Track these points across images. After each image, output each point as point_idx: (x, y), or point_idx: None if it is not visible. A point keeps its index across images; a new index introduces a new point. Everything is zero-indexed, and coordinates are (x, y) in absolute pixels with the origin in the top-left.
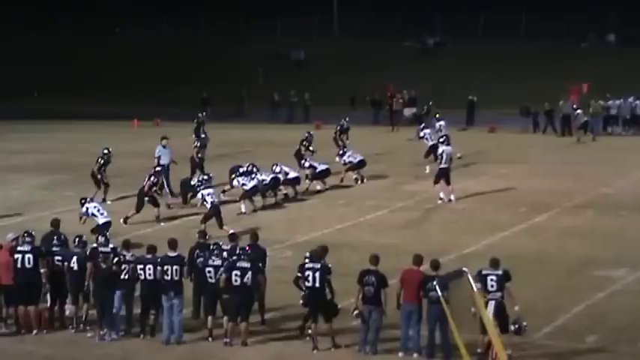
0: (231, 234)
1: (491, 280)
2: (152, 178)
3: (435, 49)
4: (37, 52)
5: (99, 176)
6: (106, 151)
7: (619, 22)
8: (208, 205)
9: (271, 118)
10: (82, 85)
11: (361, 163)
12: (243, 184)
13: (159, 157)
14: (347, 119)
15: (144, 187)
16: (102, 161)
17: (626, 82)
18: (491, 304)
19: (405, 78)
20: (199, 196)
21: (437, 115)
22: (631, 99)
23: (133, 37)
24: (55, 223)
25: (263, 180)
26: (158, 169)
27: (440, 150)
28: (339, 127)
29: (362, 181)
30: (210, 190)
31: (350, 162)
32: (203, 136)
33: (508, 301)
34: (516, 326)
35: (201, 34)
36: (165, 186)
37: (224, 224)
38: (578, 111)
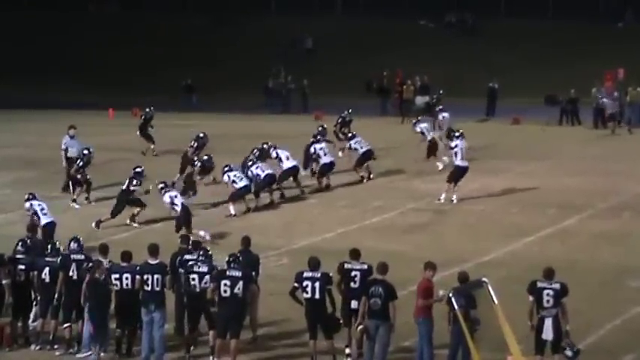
0: (182, 235)
1: (548, 294)
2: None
3: (452, 30)
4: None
5: (78, 176)
6: (86, 152)
7: None
8: (178, 208)
9: (265, 108)
10: (49, 69)
11: (367, 155)
12: (234, 182)
13: (66, 150)
14: (350, 111)
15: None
16: (81, 163)
17: None
18: (548, 322)
19: (418, 62)
20: (166, 199)
21: (439, 107)
22: None
23: (108, 14)
24: (31, 227)
25: (257, 175)
26: (138, 170)
27: (453, 144)
28: (340, 120)
29: (369, 178)
30: (176, 192)
31: (355, 149)
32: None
33: (561, 318)
34: (574, 350)
35: (185, 11)
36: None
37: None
38: (604, 100)
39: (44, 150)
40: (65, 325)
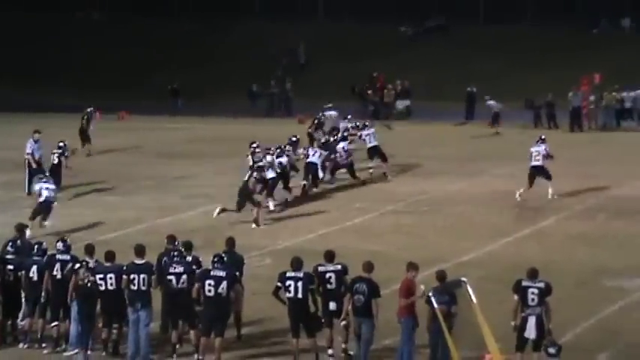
0: (169, 235)
1: (532, 293)
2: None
3: (432, 35)
4: None
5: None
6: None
7: (635, 4)
8: (41, 199)
9: (249, 111)
10: (40, 73)
11: (373, 150)
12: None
13: (31, 153)
14: (324, 113)
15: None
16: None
17: None
18: (531, 320)
19: (398, 67)
20: (36, 187)
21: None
22: None
23: (95, 20)
24: (19, 227)
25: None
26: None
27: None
28: (315, 121)
29: (385, 175)
30: (51, 186)
31: (364, 140)
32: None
33: (545, 316)
34: (556, 348)
35: (172, 17)
36: (27, 183)
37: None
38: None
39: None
40: (53, 324)
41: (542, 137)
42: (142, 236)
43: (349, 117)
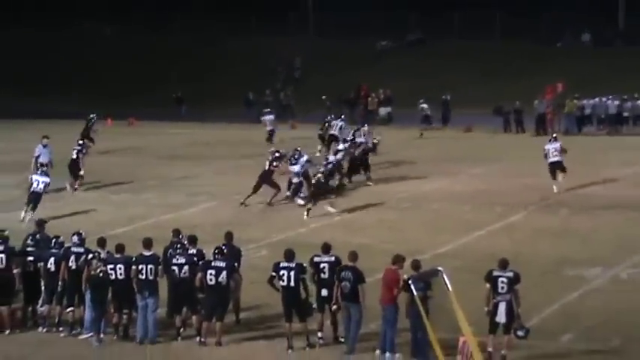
0: (174, 229)
1: (502, 281)
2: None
3: (411, 49)
4: (7, 48)
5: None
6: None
7: (594, 21)
8: (32, 189)
9: (244, 117)
10: (51, 83)
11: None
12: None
13: (38, 156)
14: (332, 116)
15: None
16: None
17: (600, 82)
18: (502, 306)
19: (381, 77)
20: (32, 177)
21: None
22: (605, 99)
23: (106, 35)
24: (39, 222)
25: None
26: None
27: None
28: (326, 124)
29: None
30: (46, 179)
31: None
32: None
33: (514, 302)
34: (524, 331)
35: (176, 32)
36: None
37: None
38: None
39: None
40: (68, 310)
41: (555, 135)
42: (149, 231)
43: (332, 115)
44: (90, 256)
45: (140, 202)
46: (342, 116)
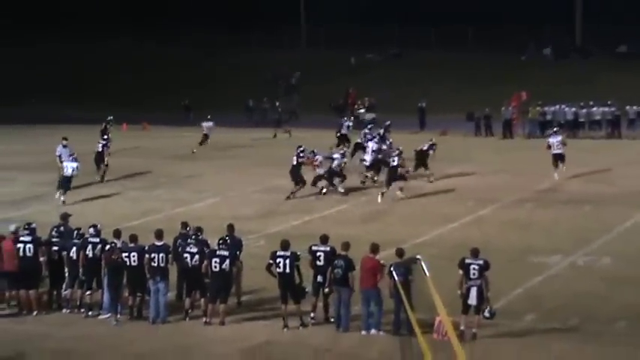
0: (183, 222)
1: (474, 268)
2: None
3: (393, 61)
4: (36, 61)
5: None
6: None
7: (554, 37)
8: (63, 174)
9: (244, 123)
10: (76, 92)
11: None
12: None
13: (60, 155)
14: (345, 118)
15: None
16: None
17: (559, 91)
18: (473, 290)
19: (366, 87)
20: (64, 164)
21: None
22: (564, 106)
23: (120, 49)
24: (63, 216)
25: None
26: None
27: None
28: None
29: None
30: (74, 164)
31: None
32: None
33: (484, 287)
34: (492, 312)
35: (183, 45)
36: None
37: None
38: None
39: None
40: (87, 293)
41: (555, 129)
42: (160, 223)
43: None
44: (107, 246)
45: (152, 198)
46: (352, 117)
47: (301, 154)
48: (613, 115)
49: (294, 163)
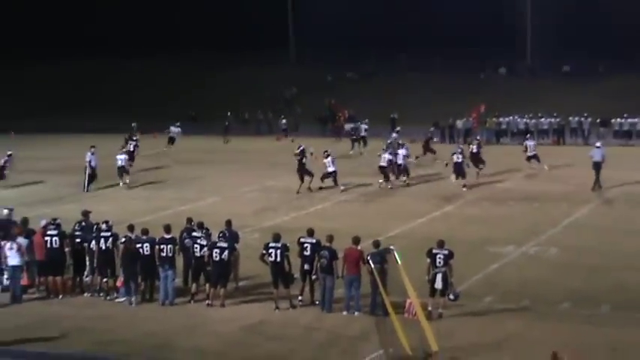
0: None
1: (439, 257)
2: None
3: (369, 78)
4: (59, 79)
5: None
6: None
7: (508, 58)
8: (118, 165)
9: (241, 132)
10: (93, 104)
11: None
12: (328, 166)
13: (90, 161)
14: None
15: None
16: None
17: (512, 104)
18: (439, 276)
19: (346, 100)
20: (117, 157)
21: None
22: (516, 117)
23: (132, 68)
24: (84, 213)
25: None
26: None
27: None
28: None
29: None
30: (123, 157)
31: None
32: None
33: (449, 273)
34: (455, 295)
35: (183, 63)
36: (86, 183)
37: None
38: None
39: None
40: (104, 280)
41: (528, 135)
42: (169, 219)
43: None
44: (123, 239)
45: (161, 197)
46: (367, 120)
47: (305, 152)
48: (558, 124)
49: (298, 162)
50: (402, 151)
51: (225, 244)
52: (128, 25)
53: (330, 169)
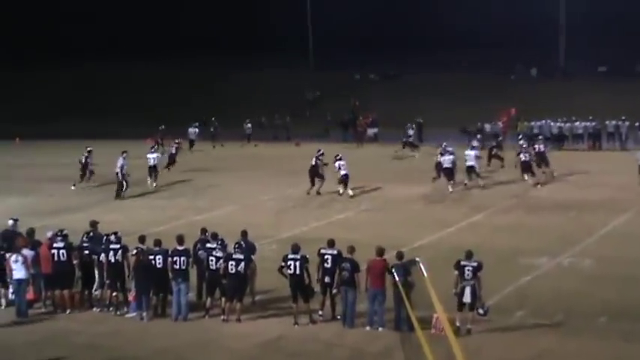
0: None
1: (468, 269)
2: None
3: (392, 81)
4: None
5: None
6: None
7: (540, 58)
8: (150, 164)
9: (259, 137)
10: (110, 111)
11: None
12: (339, 168)
13: (121, 166)
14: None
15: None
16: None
17: (544, 107)
18: (467, 289)
19: (369, 104)
20: (148, 156)
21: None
22: (549, 121)
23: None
24: (92, 223)
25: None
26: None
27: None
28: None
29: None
30: (154, 155)
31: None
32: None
33: (477, 286)
34: (485, 309)
35: (198, 69)
36: (125, 184)
37: None
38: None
39: (102, 167)
40: (113, 294)
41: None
42: (182, 229)
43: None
44: (134, 251)
45: (174, 206)
46: (414, 125)
47: (320, 157)
48: (594, 129)
49: (313, 163)
50: (473, 152)
51: (241, 256)
52: (139, 28)
53: (342, 172)
